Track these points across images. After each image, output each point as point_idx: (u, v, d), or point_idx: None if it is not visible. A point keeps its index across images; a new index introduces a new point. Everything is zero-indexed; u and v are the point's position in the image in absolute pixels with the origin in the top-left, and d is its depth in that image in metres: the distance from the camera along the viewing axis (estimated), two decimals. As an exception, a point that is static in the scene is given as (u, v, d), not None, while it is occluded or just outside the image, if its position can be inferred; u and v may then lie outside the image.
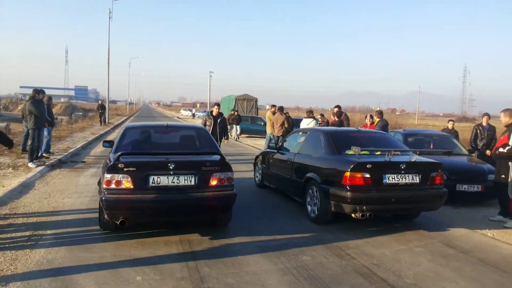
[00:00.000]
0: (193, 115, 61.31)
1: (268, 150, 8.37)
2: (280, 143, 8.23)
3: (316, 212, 6.16)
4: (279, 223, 6.20)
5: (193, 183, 5.01)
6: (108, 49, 31.66)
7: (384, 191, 5.56)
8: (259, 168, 9.00)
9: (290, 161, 7.21)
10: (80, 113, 45.34)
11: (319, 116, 12.92)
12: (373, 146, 6.40)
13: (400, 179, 5.63)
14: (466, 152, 9.38)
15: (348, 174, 5.51)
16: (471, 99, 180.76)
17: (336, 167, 5.85)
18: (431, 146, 9.51)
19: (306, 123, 11.95)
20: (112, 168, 4.83)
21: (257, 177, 9.13)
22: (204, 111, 61.75)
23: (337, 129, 7.41)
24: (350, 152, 5.85)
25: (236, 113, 23.03)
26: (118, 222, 4.87)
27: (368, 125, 10.38)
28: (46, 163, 10.64)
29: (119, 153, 5.02)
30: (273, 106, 15.09)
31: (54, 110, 56.47)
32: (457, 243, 5.57)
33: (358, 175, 5.50)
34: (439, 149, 8.04)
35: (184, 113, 68.47)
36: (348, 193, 5.48)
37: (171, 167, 4.90)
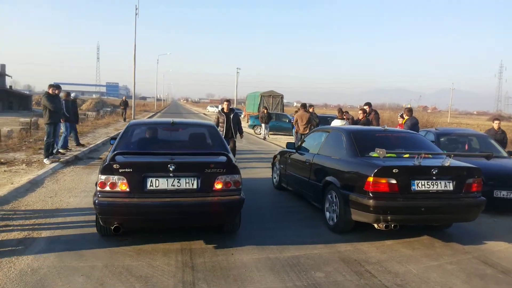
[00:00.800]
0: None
1: (287, 149, 7.79)
2: (300, 143, 7.63)
3: (335, 220, 5.56)
4: (293, 231, 5.62)
5: (195, 186, 4.50)
6: (135, 45, 31.67)
7: (412, 200, 4.90)
8: (277, 169, 8.43)
9: (308, 162, 6.62)
10: (109, 109, 45.76)
11: (343, 114, 12.19)
12: (401, 147, 5.73)
13: (431, 186, 4.95)
14: (506, 154, 8.52)
15: (371, 179, 4.88)
16: (507, 96, 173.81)
17: (358, 170, 5.23)
18: (466, 148, 8.71)
19: (337, 125, 11.17)
20: (107, 169, 4.38)
21: (275, 178, 8.57)
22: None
23: (361, 129, 6.74)
24: (374, 154, 5.20)
25: (265, 111, 21.82)
26: (112, 228, 4.43)
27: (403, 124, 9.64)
28: (61, 160, 10.40)
29: (115, 152, 4.57)
30: (311, 106, 14.40)
31: (84, 106, 57.20)
32: (496, 260, 4.86)
33: (383, 180, 4.86)
34: (477, 152, 7.21)
35: (211, 109, 68.48)
36: (371, 200, 4.85)
37: (171, 169, 4.41)
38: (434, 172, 4.93)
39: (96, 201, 4.35)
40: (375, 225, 5.02)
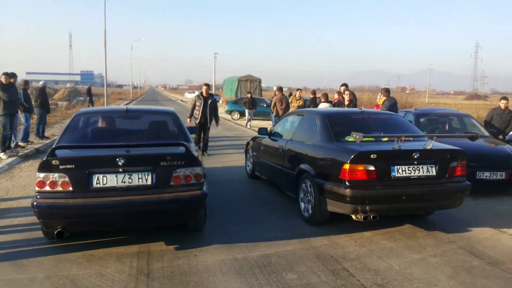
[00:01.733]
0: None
1: (259, 135, 7.27)
2: (272, 128, 7.12)
3: (310, 211, 5.11)
4: (266, 225, 5.15)
5: (149, 182, 3.97)
6: (105, 30, 30.33)
7: (393, 187, 4.46)
8: (250, 156, 7.92)
9: (281, 149, 6.12)
10: (81, 98, 44.27)
11: (319, 96, 11.71)
12: (380, 130, 5.30)
13: (413, 172, 4.53)
14: (487, 134, 8.21)
15: (347, 166, 4.42)
16: (483, 76, 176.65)
17: (333, 157, 4.76)
18: (447, 128, 8.36)
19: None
20: (45, 166, 3.81)
21: (248, 166, 8.06)
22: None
23: (336, 111, 6.27)
24: (350, 139, 4.73)
25: (250, 95, 19.37)
26: (55, 233, 3.87)
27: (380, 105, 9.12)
28: (20, 153, 9.68)
29: (56, 145, 3.98)
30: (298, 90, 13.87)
31: (56, 96, 55.35)
32: (482, 249, 4.49)
33: (360, 167, 4.40)
34: (458, 133, 6.79)
35: (189, 95, 67.29)
36: (348, 190, 4.40)
37: (120, 163, 3.85)
38: (415, 156, 4.50)
39: (34, 203, 3.78)
40: (353, 216, 4.58)
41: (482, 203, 6.45)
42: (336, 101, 10.17)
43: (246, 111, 19.48)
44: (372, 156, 4.38)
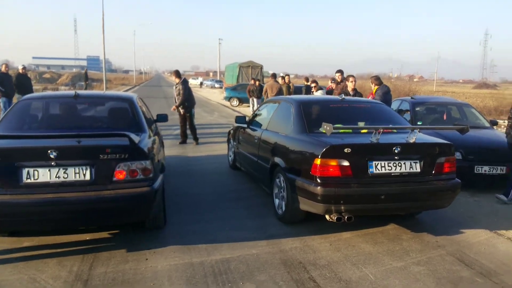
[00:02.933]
0: (201, 84, 59.49)
1: (239, 124, 6.76)
2: (251, 116, 6.59)
3: (283, 209, 4.61)
4: (235, 224, 4.66)
5: (88, 177, 3.48)
6: (103, 14, 29.90)
7: (370, 185, 3.94)
8: (232, 146, 7.42)
9: (257, 139, 5.61)
10: (82, 83, 43.84)
11: (310, 83, 11.17)
12: (361, 121, 4.75)
13: (393, 168, 4.00)
14: (488, 124, 7.62)
15: (318, 161, 3.90)
16: (492, 64, 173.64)
17: (304, 150, 4.25)
18: (445, 118, 7.78)
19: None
20: None
21: (230, 156, 7.56)
22: (212, 80, 59.84)
23: (313, 99, 5.73)
24: (323, 130, 4.19)
25: (258, 82, 16.37)
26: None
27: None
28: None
29: None
30: (287, 75, 13.30)
31: (60, 80, 55.11)
32: (474, 256, 3.97)
33: (333, 162, 3.88)
34: (456, 123, 6.18)
35: (193, 82, 66.61)
36: (319, 187, 3.88)
37: (52, 156, 3.36)
38: (396, 151, 3.96)
39: (-44, 201, 3.31)
40: (326, 217, 4.08)
41: (480, 200, 5.92)
42: (329, 89, 9.58)
43: (254, 100, 16.12)
44: (346, 150, 3.85)
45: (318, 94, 10.44)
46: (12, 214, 3.39)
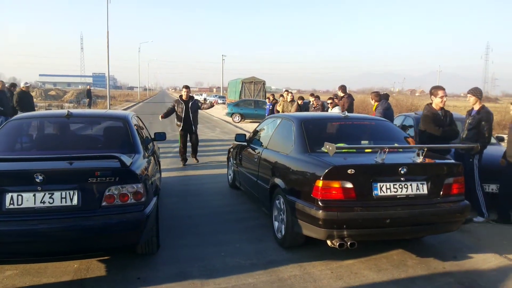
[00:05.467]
0: (205, 99, 59.62)
1: (239, 142, 6.57)
2: (251, 134, 6.40)
3: (283, 232, 4.39)
4: (231, 249, 4.42)
5: (75, 202, 3.28)
6: (107, 33, 29.93)
7: (375, 208, 3.72)
8: (231, 165, 7.22)
9: (257, 159, 5.41)
10: (87, 100, 43.94)
11: (314, 99, 10.94)
12: (365, 139, 4.56)
13: (399, 190, 3.78)
14: (495, 141, 7.39)
15: (320, 183, 3.69)
16: (494, 78, 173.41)
17: (305, 170, 4.04)
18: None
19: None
20: None
21: (230, 175, 7.36)
22: (215, 95, 59.96)
23: (315, 116, 5.54)
24: (325, 149, 3.99)
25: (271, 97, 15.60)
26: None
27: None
28: None
29: None
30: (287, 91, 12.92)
31: (66, 97, 55.32)
32: (484, 284, 3.71)
33: (335, 184, 3.67)
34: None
35: (197, 98, 66.85)
36: (320, 211, 3.66)
37: (38, 180, 3.18)
38: (402, 172, 3.75)
39: None
40: (328, 242, 3.85)
41: (486, 220, 5.66)
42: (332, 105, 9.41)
43: None
44: (349, 171, 3.65)
45: (335, 111, 9.72)
46: (-8, 242, 3.19)
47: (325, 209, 3.66)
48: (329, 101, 10.20)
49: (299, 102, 11.58)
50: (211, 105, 10.56)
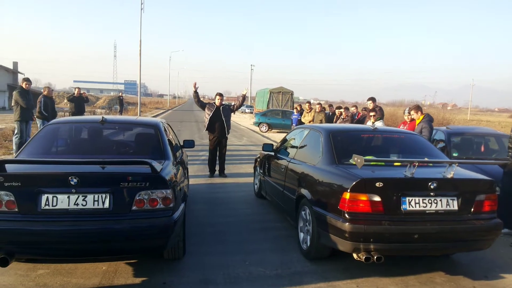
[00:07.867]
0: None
1: (266, 152, 6.60)
2: (278, 144, 6.42)
3: (308, 244, 4.37)
4: (257, 258, 4.43)
5: (107, 205, 3.38)
6: (140, 41, 30.73)
7: (403, 223, 3.67)
8: (258, 174, 7.26)
9: (284, 169, 5.43)
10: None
11: (343, 109, 10.86)
12: (395, 152, 4.51)
13: (429, 205, 3.72)
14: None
15: (347, 195, 3.68)
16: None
17: (332, 182, 4.03)
18: (482, 149, 7.37)
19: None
20: None
21: (256, 184, 7.39)
22: (243, 105, 60.29)
23: (344, 127, 5.51)
24: (354, 162, 3.97)
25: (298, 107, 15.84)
26: (-2, 260, 3.34)
27: (408, 123, 8.03)
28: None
29: (5, 159, 3.49)
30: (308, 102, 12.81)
31: (99, 103, 56.99)
32: (518, 305, 3.60)
33: (363, 197, 3.65)
34: (494, 156, 5.81)
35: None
36: (347, 224, 3.64)
37: (72, 182, 3.30)
38: (432, 187, 3.69)
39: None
40: (354, 255, 3.81)
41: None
42: (359, 117, 9.31)
43: None
44: (378, 184, 3.62)
45: (379, 125, 8.49)
46: (28, 240, 3.31)
47: (352, 222, 3.63)
48: (372, 114, 9.37)
49: (329, 111, 11.46)
50: (243, 99, 9.81)
